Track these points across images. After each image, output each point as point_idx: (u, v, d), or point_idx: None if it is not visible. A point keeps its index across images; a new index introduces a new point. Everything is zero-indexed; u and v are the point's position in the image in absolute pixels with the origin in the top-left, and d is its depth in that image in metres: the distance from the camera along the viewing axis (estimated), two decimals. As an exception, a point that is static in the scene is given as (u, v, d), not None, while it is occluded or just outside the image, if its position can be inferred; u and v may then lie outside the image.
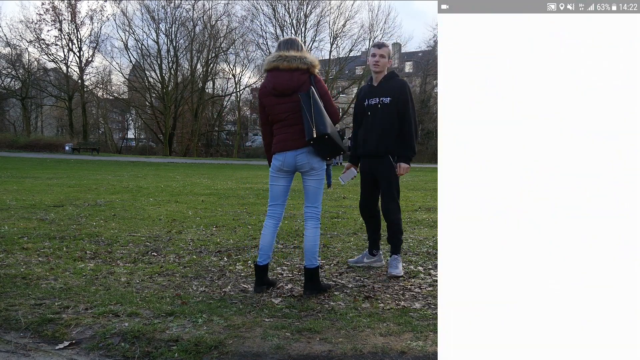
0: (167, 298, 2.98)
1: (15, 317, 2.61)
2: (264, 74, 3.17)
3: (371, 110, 3.62)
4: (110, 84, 38.58)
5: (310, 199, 3.17)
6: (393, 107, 3.55)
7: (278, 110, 3.07)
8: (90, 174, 13.52)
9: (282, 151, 3.08)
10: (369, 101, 3.65)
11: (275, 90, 3.03)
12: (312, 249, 3.12)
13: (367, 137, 3.63)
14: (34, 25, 33.72)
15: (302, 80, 3.02)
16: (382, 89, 3.59)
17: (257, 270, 3.18)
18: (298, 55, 3.02)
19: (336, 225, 5.69)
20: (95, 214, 6.14)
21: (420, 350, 2.25)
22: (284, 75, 3.01)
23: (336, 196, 8.77)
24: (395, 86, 3.58)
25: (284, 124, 3.08)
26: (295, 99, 3.01)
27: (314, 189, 3.16)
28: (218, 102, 40.94)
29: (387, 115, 3.56)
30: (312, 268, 3.12)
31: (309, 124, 2.93)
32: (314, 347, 2.29)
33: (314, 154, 3.07)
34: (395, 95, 3.55)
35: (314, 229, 3.13)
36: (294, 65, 3.00)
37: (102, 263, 3.83)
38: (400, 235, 3.72)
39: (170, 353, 2.23)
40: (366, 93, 3.70)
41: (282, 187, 3.18)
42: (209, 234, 5.11)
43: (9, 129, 36.69)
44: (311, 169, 3.10)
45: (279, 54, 3.05)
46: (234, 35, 35.94)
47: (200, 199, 8.18)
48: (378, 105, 3.57)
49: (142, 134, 47.10)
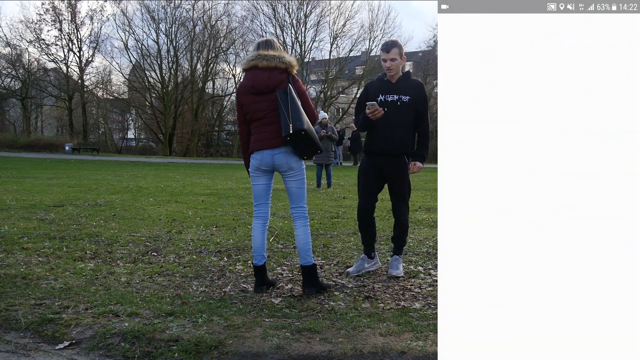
0: (167, 298, 2.98)
1: (15, 317, 2.61)
2: (243, 73, 3.20)
3: (389, 106, 3.48)
4: (110, 84, 38.55)
5: (294, 200, 3.18)
6: (412, 107, 3.48)
7: (256, 109, 3.08)
8: (90, 174, 13.52)
9: (260, 150, 3.09)
10: (385, 97, 3.51)
11: (253, 89, 3.06)
12: (305, 247, 3.14)
13: (387, 135, 3.49)
14: (34, 25, 33.65)
15: (280, 79, 3.04)
16: (401, 87, 3.50)
17: (256, 271, 3.22)
18: (277, 55, 3.06)
19: (336, 225, 5.69)
20: (95, 214, 6.14)
21: (420, 350, 2.25)
22: (263, 73, 3.04)
23: (336, 196, 8.77)
24: (414, 85, 3.52)
25: (262, 123, 3.09)
26: (273, 97, 3.03)
27: (296, 189, 3.16)
28: (218, 102, 40.89)
29: (407, 114, 3.48)
30: (308, 266, 3.14)
31: (286, 120, 2.96)
32: (314, 347, 2.29)
33: (292, 154, 3.08)
34: (414, 95, 3.48)
35: (303, 227, 3.16)
36: (273, 64, 3.03)
37: (102, 263, 3.83)
38: (406, 237, 3.72)
39: (170, 353, 2.23)
40: (380, 88, 3.55)
41: (263, 185, 3.21)
42: (209, 234, 5.11)
43: (9, 129, 36.67)
44: (289, 169, 3.11)
45: (258, 53, 3.09)
46: (234, 35, 35.90)
47: (200, 199, 8.18)
48: (398, 103, 3.47)
49: (142, 134, 47.06)
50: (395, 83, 3.52)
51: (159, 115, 37.11)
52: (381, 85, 3.56)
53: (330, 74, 33.98)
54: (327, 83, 34.21)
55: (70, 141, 31.65)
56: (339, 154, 20.10)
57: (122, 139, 46.14)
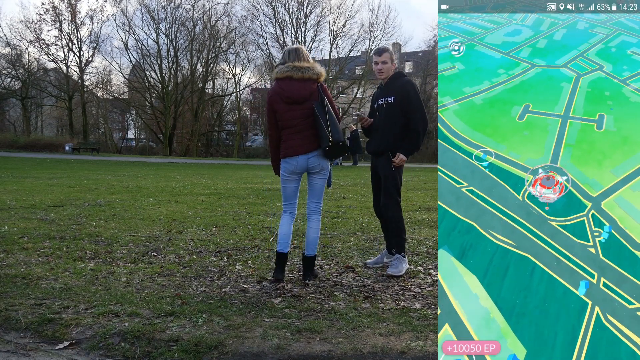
0: (167, 298, 2.98)
1: (15, 317, 2.61)
2: (274, 80, 3.42)
3: (379, 110, 3.76)
4: (110, 84, 38.55)
5: (316, 195, 3.48)
6: (397, 106, 3.64)
7: (289, 117, 3.32)
8: (90, 174, 13.51)
9: (294, 155, 3.35)
10: (377, 102, 3.79)
11: (289, 99, 3.29)
12: (315, 240, 3.45)
13: (375, 135, 3.77)
14: (34, 25, 33.69)
15: (312, 89, 3.30)
16: (388, 89, 3.72)
17: (278, 258, 3.44)
18: (310, 66, 3.31)
19: (336, 225, 5.69)
20: (95, 214, 6.14)
21: (420, 350, 2.25)
22: (297, 84, 3.28)
23: (336, 196, 8.77)
24: (399, 85, 3.68)
25: (294, 130, 3.33)
26: (307, 106, 3.30)
27: (320, 186, 3.48)
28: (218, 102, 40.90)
29: (391, 114, 3.67)
30: (312, 256, 3.46)
31: (325, 132, 3.26)
32: (314, 347, 2.29)
33: (324, 156, 3.37)
34: (398, 94, 3.65)
35: (317, 222, 3.47)
36: (307, 75, 3.28)
37: (102, 263, 3.83)
38: (402, 234, 3.72)
39: (170, 353, 2.23)
40: (377, 95, 3.86)
41: (294, 187, 3.47)
42: (209, 234, 5.11)
43: (9, 129, 36.65)
44: (321, 169, 3.41)
45: (293, 64, 3.29)
46: (234, 35, 35.93)
47: (200, 199, 8.18)
48: (384, 105, 3.70)
49: (142, 134, 47.05)
50: (385, 86, 3.76)
51: (159, 115, 37.12)
52: (377, 91, 3.87)
53: (330, 74, 33.98)
54: (327, 83, 34.09)
55: (70, 141, 31.63)
56: (339, 154, 20.04)
57: (122, 139, 46.13)
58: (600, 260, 1.75)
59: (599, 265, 1.74)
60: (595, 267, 1.74)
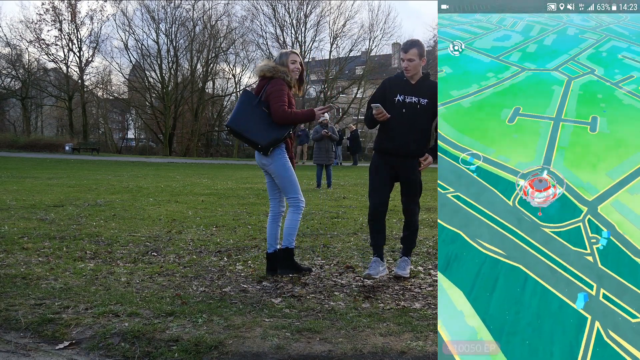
0: (167, 298, 2.98)
1: (15, 317, 2.61)
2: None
3: (407, 108, 3.42)
4: (110, 84, 38.51)
5: (283, 191, 3.54)
6: (430, 109, 3.41)
7: None
8: (90, 174, 13.51)
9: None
10: (403, 97, 3.43)
11: None
12: (288, 231, 3.54)
13: (403, 136, 3.44)
14: (34, 25, 33.63)
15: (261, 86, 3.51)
16: (420, 90, 3.43)
17: (266, 258, 3.64)
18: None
19: (336, 225, 5.68)
20: (95, 214, 6.14)
21: (420, 350, 2.25)
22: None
23: (336, 196, 8.76)
24: (432, 87, 3.42)
25: None
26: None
27: (279, 182, 3.50)
28: (218, 102, 40.88)
29: (426, 118, 3.44)
30: (283, 249, 3.55)
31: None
32: (314, 347, 2.29)
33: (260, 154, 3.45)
34: (432, 98, 3.38)
35: (292, 214, 3.53)
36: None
37: (102, 263, 3.83)
38: (416, 238, 3.71)
39: (170, 353, 2.23)
40: (398, 87, 3.46)
41: (268, 182, 3.64)
42: (209, 234, 5.11)
43: (9, 129, 36.63)
44: (262, 165, 3.50)
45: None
46: (234, 35, 35.89)
47: (200, 199, 8.18)
48: (417, 106, 3.42)
49: (142, 134, 47.01)
50: (415, 84, 3.44)
51: (159, 115, 37.09)
52: (400, 84, 3.47)
53: (330, 74, 33.97)
54: (327, 83, 34.17)
55: (70, 141, 31.62)
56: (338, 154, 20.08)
57: (122, 139, 46.10)
58: (598, 269, 1.62)
59: (598, 275, 1.61)
60: (594, 277, 1.61)
